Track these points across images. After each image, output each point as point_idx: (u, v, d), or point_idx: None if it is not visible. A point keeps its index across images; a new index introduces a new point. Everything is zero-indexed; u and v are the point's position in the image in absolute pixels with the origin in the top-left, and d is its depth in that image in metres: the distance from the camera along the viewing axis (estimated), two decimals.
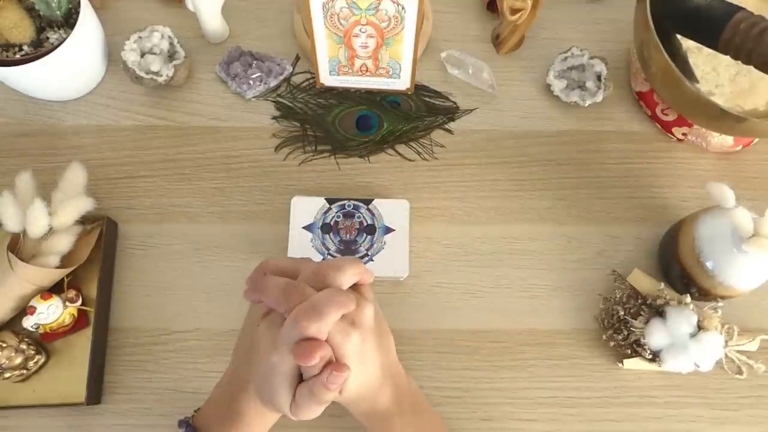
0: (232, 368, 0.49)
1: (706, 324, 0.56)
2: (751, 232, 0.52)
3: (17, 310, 0.58)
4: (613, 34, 0.74)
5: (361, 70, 0.67)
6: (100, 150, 0.68)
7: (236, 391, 0.47)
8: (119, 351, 0.61)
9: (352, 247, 0.61)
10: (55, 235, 0.57)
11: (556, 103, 0.71)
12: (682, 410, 0.60)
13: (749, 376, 0.58)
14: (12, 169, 0.61)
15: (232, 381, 0.48)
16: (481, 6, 0.75)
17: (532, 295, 0.63)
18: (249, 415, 0.47)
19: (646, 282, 0.62)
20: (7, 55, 0.63)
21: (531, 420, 0.59)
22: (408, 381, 0.51)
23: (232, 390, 0.47)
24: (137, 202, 0.66)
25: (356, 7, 0.59)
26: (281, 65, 0.71)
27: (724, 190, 0.54)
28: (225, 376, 0.50)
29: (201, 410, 0.50)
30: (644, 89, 0.69)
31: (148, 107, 0.70)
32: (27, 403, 0.57)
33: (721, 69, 0.67)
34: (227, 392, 0.48)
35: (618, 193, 0.67)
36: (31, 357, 0.57)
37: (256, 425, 0.47)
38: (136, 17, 0.74)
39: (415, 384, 0.54)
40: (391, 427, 0.49)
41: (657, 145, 0.70)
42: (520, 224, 0.66)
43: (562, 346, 0.62)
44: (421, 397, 0.53)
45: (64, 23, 0.65)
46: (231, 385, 0.48)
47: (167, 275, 0.63)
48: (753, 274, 0.55)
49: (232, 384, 0.48)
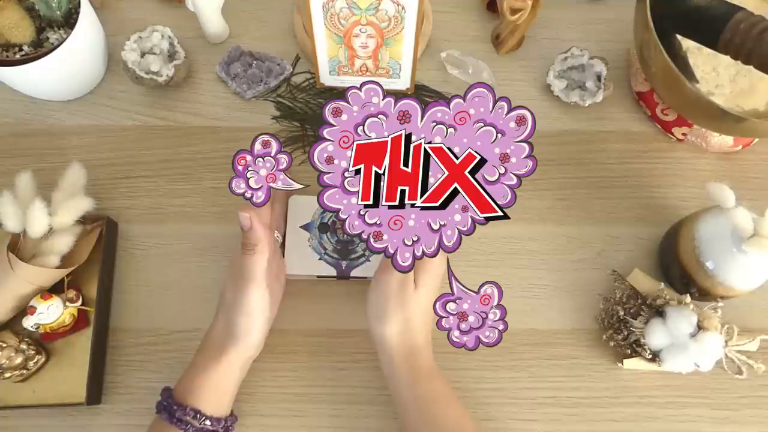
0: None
1: (706, 324, 0.56)
2: (751, 232, 0.52)
3: (17, 310, 0.58)
4: (613, 34, 0.74)
5: (361, 70, 0.67)
6: (100, 150, 0.68)
7: (206, 348, 0.53)
8: (119, 351, 0.61)
9: (349, 247, 0.61)
10: (55, 235, 0.57)
11: (556, 103, 0.71)
12: (682, 410, 0.60)
13: (749, 376, 0.58)
14: (12, 169, 0.61)
15: (204, 342, 0.54)
16: (481, 6, 0.75)
17: (532, 295, 0.63)
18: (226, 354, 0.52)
19: (646, 282, 0.62)
20: (7, 55, 0.63)
21: (531, 420, 0.59)
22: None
23: (203, 349, 0.53)
24: (137, 202, 0.66)
25: (356, 7, 0.59)
26: (281, 65, 0.71)
27: (724, 190, 0.54)
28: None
29: (180, 378, 0.53)
30: (644, 89, 0.69)
31: (148, 107, 0.70)
32: (27, 403, 0.57)
33: (721, 69, 0.67)
34: (201, 355, 0.53)
35: (618, 193, 0.67)
36: (31, 357, 0.57)
37: (234, 369, 0.53)
38: (136, 17, 0.74)
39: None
40: (419, 361, 0.53)
41: (657, 145, 0.70)
42: (520, 224, 0.66)
43: (562, 346, 0.62)
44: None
45: (64, 23, 0.65)
46: (204, 347, 0.54)
47: (167, 275, 0.63)
48: (753, 274, 0.55)
49: (204, 345, 0.54)
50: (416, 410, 0.52)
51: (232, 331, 0.52)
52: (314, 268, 0.60)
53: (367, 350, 0.61)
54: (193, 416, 0.50)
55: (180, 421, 0.50)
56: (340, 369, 0.61)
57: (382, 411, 0.59)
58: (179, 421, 0.50)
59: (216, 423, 0.51)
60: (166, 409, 0.51)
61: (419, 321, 0.53)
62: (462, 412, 0.53)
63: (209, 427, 0.51)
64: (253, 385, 0.59)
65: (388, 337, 0.52)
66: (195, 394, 0.51)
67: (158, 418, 0.52)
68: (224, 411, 0.53)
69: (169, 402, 0.51)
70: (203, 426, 0.50)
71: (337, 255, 0.61)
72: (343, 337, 0.61)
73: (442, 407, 0.52)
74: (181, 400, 0.51)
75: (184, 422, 0.50)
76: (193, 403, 0.50)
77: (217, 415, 0.52)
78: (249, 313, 0.52)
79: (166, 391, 0.52)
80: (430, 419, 0.52)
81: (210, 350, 0.53)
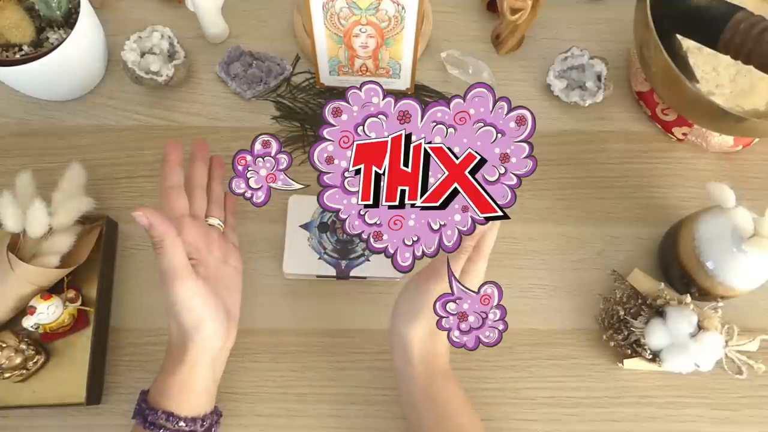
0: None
1: (706, 324, 0.56)
2: (751, 232, 0.52)
3: (17, 310, 0.58)
4: (613, 34, 0.74)
5: (361, 70, 0.67)
6: (100, 150, 0.68)
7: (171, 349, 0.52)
8: (119, 351, 0.61)
9: (349, 247, 0.61)
10: (55, 235, 0.57)
11: (556, 103, 0.71)
12: (682, 410, 0.60)
13: (749, 376, 0.58)
14: (12, 169, 0.61)
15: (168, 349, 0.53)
16: (481, 6, 0.75)
17: (532, 295, 0.63)
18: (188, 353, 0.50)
19: (646, 282, 0.62)
20: (7, 55, 0.63)
21: (531, 420, 0.59)
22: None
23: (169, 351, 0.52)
24: (137, 202, 0.66)
25: (356, 7, 0.59)
26: (281, 65, 0.71)
27: (724, 190, 0.54)
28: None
29: (153, 382, 0.52)
30: (644, 89, 0.69)
31: (148, 107, 0.70)
32: (27, 403, 0.57)
33: (721, 69, 0.67)
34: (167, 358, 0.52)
35: (618, 193, 0.67)
36: (31, 357, 0.57)
37: (201, 361, 0.51)
38: (136, 17, 0.74)
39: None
40: (437, 364, 0.52)
41: (657, 145, 0.70)
42: (520, 224, 0.66)
43: (562, 346, 0.62)
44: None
45: (64, 23, 0.65)
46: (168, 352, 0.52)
47: None
48: (753, 274, 0.55)
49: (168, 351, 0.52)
50: (428, 411, 0.51)
51: (181, 330, 0.50)
52: (314, 267, 0.60)
53: (367, 350, 0.61)
54: (165, 419, 0.49)
55: (153, 425, 0.49)
56: (340, 369, 0.61)
57: (382, 411, 0.59)
58: (152, 425, 0.49)
59: (192, 423, 0.50)
60: (140, 413, 0.50)
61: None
62: (474, 418, 0.52)
63: (185, 428, 0.49)
64: (253, 385, 0.59)
65: (412, 339, 0.51)
66: (166, 396, 0.50)
67: (134, 423, 0.51)
68: (201, 410, 0.51)
69: (142, 406, 0.50)
70: (178, 428, 0.49)
71: (336, 254, 0.61)
72: (342, 337, 0.61)
73: (455, 410, 0.52)
74: (154, 404, 0.50)
75: (157, 426, 0.49)
76: (165, 405, 0.49)
77: (192, 415, 0.50)
78: (188, 308, 0.49)
79: (142, 395, 0.51)
80: (443, 421, 0.51)
81: (172, 352, 0.51)
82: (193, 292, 0.49)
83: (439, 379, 0.52)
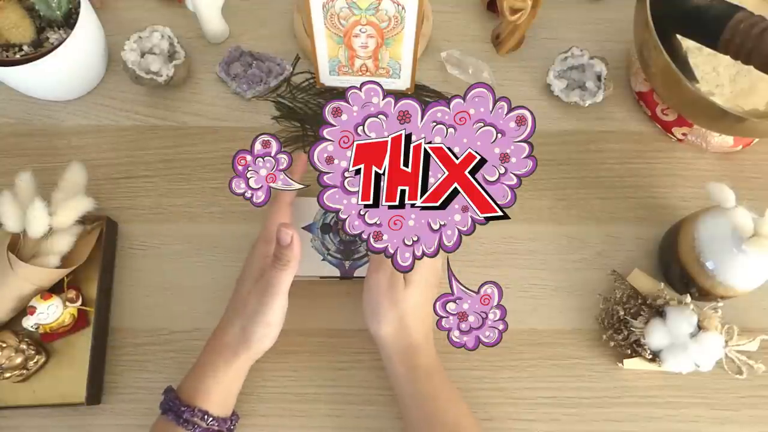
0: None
1: (706, 324, 0.56)
2: (751, 232, 0.52)
3: (17, 310, 0.58)
4: (613, 34, 0.74)
5: (361, 70, 0.67)
6: (100, 150, 0.68)
7: (215, 347, 0.54)
8: (119, 351, 0.61)
9: (352, 247, 0.61)
10: (55, 235, 0.57)
11: (556, 103, 0.71)
12: (682, 410, 0.60)
13: (749, 376, 0.58)
14: (12, 169, 0.61)
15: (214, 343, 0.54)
16: (481, 6, 0.75)
17: (532, 295, 0.63)
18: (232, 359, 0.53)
19: (646, 282, 0.62)
20: (7, 55, 0.63)
21: (531, 420, 0.59)
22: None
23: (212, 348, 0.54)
24: (137, 202, 0.66)
25: (356, 7, 0.59)
26: (281, 65, 0.71)
27: (724, 190, 0.54)
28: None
29: (186, 377, 0.54)
30: (644, 89, 0.69)
31: (148, 107, 0.70)
32: (27, 403, 0.57)
33: (721, 69, 0.67)
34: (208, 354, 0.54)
35: (618, 193, 0.67)
36: (31, 357, 0.57)
37: (237, 373, 0.54)
38: (136, 17, 0.74)
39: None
40: (418, 360, 0.53)
41: (657, 145, 0.70)
42: (520, 224, 0.66)
43: (562, 346, 0.62)
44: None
45: (64, 23, 0.65)
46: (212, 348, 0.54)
47: (167, 275, 0.63)
48: (753, 274, 0.55)
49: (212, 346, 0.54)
50: (416, 408, 0.52)
51: (248, 337, 0.52)
52: (317, 269, 0.60)
53: (369, 350, 0.61)
54: (201, 417, 0.51)
55: (187, 422, 0.50)
56: (340, 369, 0.61)
57: (382, 411, 0.59)
58: (186, 422, 0.50)
59: (222, 423, 0.52)
60: (172, 409, 0.51)
61: (414, 318, 0.53)
62: (463, 410, 0.53)
63: (215, 428, 0.52)
64: (253, 385, 0.59)
65: (384, 337, 0.53)
66: (203, 395, 0.51)
67: (163, 418, 0.52)
68: (228, 411, 0.54)
69: (175, 403, 0.51)
70: (210, 426, 0.51)
71: (340, 255, 0.61)
72: (344, 336, 0.61)
73: (442, 405, 0.52)
74: (188, 401, 0.51)
75: (191, 423, 0.50)
76: (201, 404, 0.51)
77: (222, 415, 0.53)
78: (269, 323, 0.53)
79: (171, 392, 0.53)
80: (429, 417, 0.52)
81: (221, 353, 0.53)
82: (281, 311, 0.53)
83: (423, 374, 0.53)
